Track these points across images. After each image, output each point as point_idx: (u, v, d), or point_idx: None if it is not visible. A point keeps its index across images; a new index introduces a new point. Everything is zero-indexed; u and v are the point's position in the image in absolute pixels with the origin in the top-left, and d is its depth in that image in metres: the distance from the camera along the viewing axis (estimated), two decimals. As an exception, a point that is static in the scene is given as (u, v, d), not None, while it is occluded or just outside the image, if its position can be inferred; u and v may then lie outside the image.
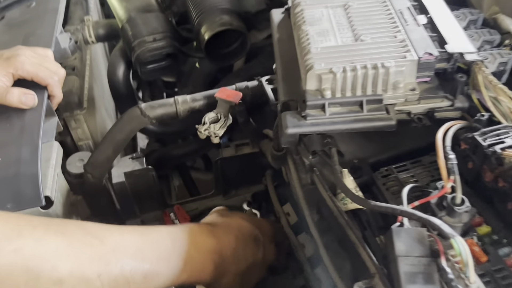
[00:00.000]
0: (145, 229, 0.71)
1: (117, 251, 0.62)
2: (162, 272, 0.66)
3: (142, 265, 0.64)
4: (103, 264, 0.60)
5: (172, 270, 0.68)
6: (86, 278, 0.58)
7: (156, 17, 1.19)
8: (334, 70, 0.66)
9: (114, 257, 0.61)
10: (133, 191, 0.99)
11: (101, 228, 0.65)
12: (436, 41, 0.71)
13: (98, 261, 0.60)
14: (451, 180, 0.56)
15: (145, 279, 0.63)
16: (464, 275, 0.50)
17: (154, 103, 0.90)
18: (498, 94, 0.63)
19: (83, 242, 0.60)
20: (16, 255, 0.54)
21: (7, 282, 0.53)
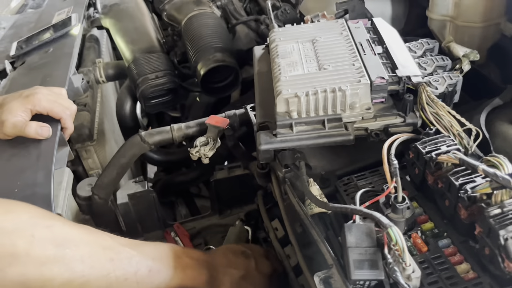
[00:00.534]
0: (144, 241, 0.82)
1: (126, 246, 0.74)
2: (162, 270, 0.77)
3: (146, 261, 0.75)
4: (115, 253, 0.71)
5: (169, 270, 0.78)
6: (102, 264, 0.69)
7: (158, 57, 1.33)
8: (298, 94, 0.77)
9: (124, 250, 0.73)
10: (136, 211, 1.10)
11: (109, 233, 0.77)
12: (389, 67, 0.82)
13: (111, 251, 0.71)
14: (393, 181, 0.66)
15: (149, 273, 0.74)
16: (402, 260, 0.59)
17: (153, 130, 1.02)
18: (438, 109, 0.73)
19: (98, 235, 0.72)
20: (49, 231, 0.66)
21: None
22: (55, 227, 0.67)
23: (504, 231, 0.55)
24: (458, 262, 0.62)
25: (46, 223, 0.66)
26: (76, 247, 0.67)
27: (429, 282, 0.60)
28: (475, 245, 0.62)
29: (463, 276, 0.60)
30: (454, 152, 0.65)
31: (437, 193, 0.68)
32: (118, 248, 0.72)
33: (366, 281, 0.60)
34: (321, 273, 0.65)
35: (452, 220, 0.67)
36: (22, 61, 1.33)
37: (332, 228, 0.75)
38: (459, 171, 0.64)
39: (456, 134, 0.72)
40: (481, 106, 0.86)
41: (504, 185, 0.56)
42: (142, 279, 0.72)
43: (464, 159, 0.62)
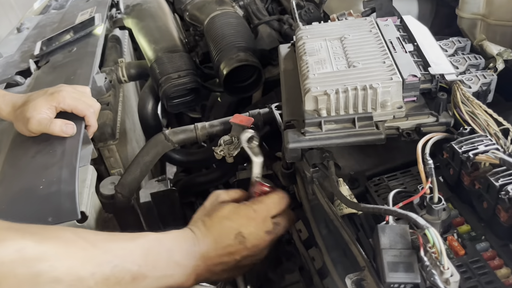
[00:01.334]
0: (135, 235, 0.76)
1: (108, 253, 0.69)
2: (149, 275, 0.72)
3: (131, 267, 0.69)
4: (96, 265, 0.67)
5: (158, 274, 0.73)
6: (81, 277, 0.65)
7: (181, 56, 1.33)
8: (328, 92, 0.75)
9: (105, 259, 0.68)
10: (158, 210, 1.09)
11: (93, 234, 0.73)
12: (421, 65, 0.79)
13: (91, 262, 0.67)
14: (429, 182, 0.64)
15: (133, 281, 0.70)
16: (440, 263, 0.56)
17: (177, 129, 1.02)
18: (474, 108, 0.71)
19: (77, 245, 0.67)
20: (19, 254, 0.61)
21: (10, 280, 0.60)
22: (27, 248, 0.63)
23: (550, 235, 0.52)
24: (498, 267, 0.60)
25: (16, 246, 0.62)
26: (52, 268, 0.63)
27: (468, 287, 0.58)
28: (516, 249, 0.60)
29: (504, 281, 0.58)
30: (493, 152, 0.63)
31: (474, 194, 0.66)
32: (99, 258, 0.68)
33: (401, 284, 0.58)
34: (353, 275, 0.63)
35: (490, 223, 0.64)
36: (46, 60, 1.34)
37: (362, 229, 0.73)
38: (499, 172, 0.61)
39: (492, 133, 0.70)
40: (516, 106, 0.83)
41: (550, 186, 0.54)
42: (125, 286, 0.69)
43: (505, 159, 0.60)
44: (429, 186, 0.64)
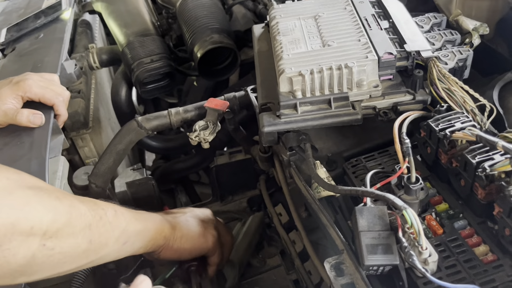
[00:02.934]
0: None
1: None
2: (124, 215, 0.73)
3: (113, 207, 0.72)
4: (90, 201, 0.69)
5: (131, 216, 0.75)
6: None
7: (153, 40, 1.28)
8: (302, 73, 0.73)
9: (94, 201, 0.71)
10: (135, 199, 1.06)
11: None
12: (397, 42, 0.78)
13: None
14: (406, 161, 0.62)
15: (115, 215, 0.71)
16: (418, 244, 0.56)
17: (150, 115, 0.98)
18: (451, 85, 0.70)
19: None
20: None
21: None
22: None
23: (527, 211, 0.52)
24: (476, 244, 0.59)
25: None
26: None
27: (447, 266, 0.57)
28: (493, 226, 0.59)
29: (482, 259, 0.57)
30: (470, 129, 0.62)
31: (452, 172, 0.65)
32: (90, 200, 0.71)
33: (380, 266, 0.57)
34: (331, 259, 0.62)
35: (468, 201, 0.63)
36: (12, 48, 1.28)
37: (341, 212, 0.72)
38: (475, 149, 0.60)
39: (469, 110, 0.69)
40: (492, 81, 0.82)
41: (526, 161, 0.53)
42: (110, 219, 0.70)
43: (482, 136, 0.59)
44: (406, 166, 0.63)
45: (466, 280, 0.56)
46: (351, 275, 0.59)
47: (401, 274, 0.56)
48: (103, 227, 0.68)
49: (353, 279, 0.59)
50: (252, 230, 1.05)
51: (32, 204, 0.60)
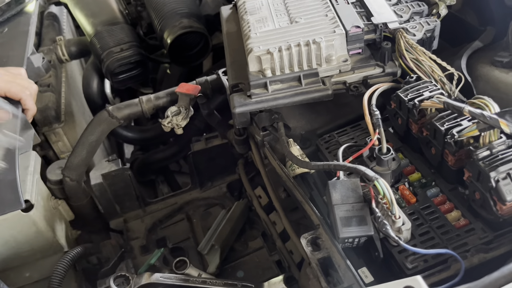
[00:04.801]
0: None
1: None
2: None
3: None
4: None
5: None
6: None
7: (121, 28, 1.26)
8: (271, 51, 0.72)
9: None
10: (112, 191, 1.05)
11: None
12: (364, 16, 0.77)
13: None
14: (376, 133, 0.62)
15: None
16: (391, 213, 0.56)
17: (121, 104, 0.96)
18: (419, 55, 0.70)
19: None
20: None
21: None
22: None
23: (494, 173, 0.52)
24: (448, 210, 0.60)
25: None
26: None
27: (420, 233, 0.58)
28: (464, 191, 0.60)
29: (454, 224, 0.58)
30: (437, 97, 0.62)
31: (423, 141, 0.65)
32: None
33: (355, 238, 0.57)
34: (307, 235, 0.62)
35: (439, 168, 0.64)
36: (-25, 44, 1.24)
37: (316, 188, 0.72)
38: (444, 116, 0.61)
39: (438, 79, 0.69)
40: (461, 51, 0.83)
41: (492, 125, 0.53)
42: None
43: (449, 102, 0.59)
44: (377, 138, 0.63)
45: (439, 245, 0.56)
46: (328, 249, 0.59)
47: (376, 244, 0.57)
48: None
49: (330, 252, 0.59)
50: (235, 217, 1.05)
51: None
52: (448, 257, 0.54)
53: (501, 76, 0.74)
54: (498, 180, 0.52)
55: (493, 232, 0.56)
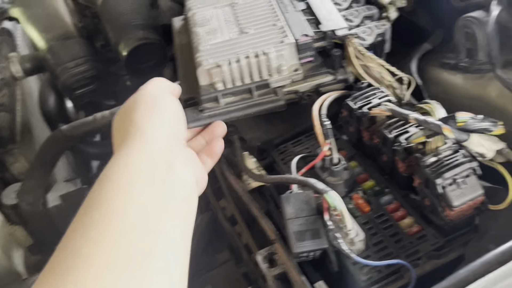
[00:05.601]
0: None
1: None
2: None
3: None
4: None
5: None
6: None
7: (76, 42, 1.22)
8: (220, 64, 0.70)
9: None
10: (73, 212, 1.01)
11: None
12: (313, 23, 0.76)
13: None
14: (327, 143, 0.62)
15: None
16: (343, 225, 0.55)
17: (75, 123, 0.94)
18: (367, 61, 0.70)
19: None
20: None
21: None
22: None
23: (441, 179, 0.52)
24: (401, 217, 0.60)
25: None
26: None
27: (374, 243, 0.58)
28: (416, 198, 0.60)
29: (407, 231, 0.58)
30: (385, 104, 0.62)
31: (374, 149, 0.65)
32: None
33: (310, 252, 0.57)
34: (263, 251, 0.61)
35: (392, 175, 0.64)
36: None
37: (273, 200, 0.71)
38: (392, 123, 0.61)
39: (388, 85, 0.69)
40: (412, 53, 0.83)
41: (436, 131, 0.54)
42: None
43: (395, 110, 0.59)
44: (328, 148, 0.62)
45: (392, 254, 0.56)
46: (284, 265, 0.58)
47: (331, 257, 0.56)
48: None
49: (286, 268, 0.58)
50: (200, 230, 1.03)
51: None
52: (401, 266, 0.54)
53: (450, 78, 0.74)
54: (444, 187, 0.53)
55: (444, 238, 0.56)
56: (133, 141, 0.48)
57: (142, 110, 0.52)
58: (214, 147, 0.63)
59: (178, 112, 0.55)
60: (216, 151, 0.63)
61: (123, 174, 0.45)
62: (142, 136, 0.48)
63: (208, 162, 0.62)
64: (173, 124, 0.53)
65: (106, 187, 0.45)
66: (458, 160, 0.54)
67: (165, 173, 0.46)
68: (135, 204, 0.43)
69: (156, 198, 0.44)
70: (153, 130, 0.49)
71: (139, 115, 0.51)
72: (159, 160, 0.47)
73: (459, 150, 0.55)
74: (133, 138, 0.48)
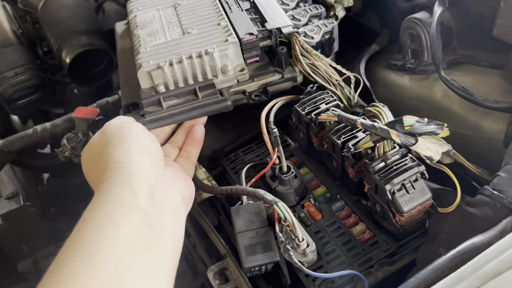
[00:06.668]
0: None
1: None
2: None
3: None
4: None
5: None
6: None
7: (14, 50, 1.15)
8: (161, 65, 0.66)
9: None
10: (15, 232, 0.95)
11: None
12: (259, 22, 0.74)
13: None
14: (276, 151, 0.60)
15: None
16: (294, 236, 0.53)
17: (13, 137, 0.88)
18: (315, 60, 0.68)
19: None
20: None
21: None
22: None
23: (389, 185, 0.51)
24: (353, 224, 0.59)
25: None
26: None
27: (326, 252, 0.56)
28: (367, 203, 0.59)
29: (359, 238, 0.57)
30: (332, 109, 0.60)
31: (324, 154, 0.64)
32: None
33: (261, 265, 0.55)
34: (214, 267, 0.58)
35: (343, 181, 0.63)
36: None
37: (224, 212, 0.68)
38: (340, 129, 0.59)
39: (336, 84, 0.67)
40: (360, 54, 0.83)
41: (384, 136, 0.53)
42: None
43: (342, 115, 0.58)
44: (277, 156, 0.60)
45: (345, 263, 0.55)
46: (235, 280, 0.56)
47: (283, 269, 0.54)
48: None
49: (238, 283, 0.56)
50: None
51: None
52: (353, 276, 0.52)
53: (397, 79, 0.74)
54: (394, 192, 0.52)
55: (396, 243, 0.56)
56: (115, 175, 0.49)
57: (115, 142, 0.54)
58: (195, 134, 0.67)
59: (147, 133, 0.58)
60: (198, 137, 0.67)
61: (102, 211, 0.46)
62: (123, 169, 0.50)
63: (193, 152, 0.65)
64: (146, 144, 0.55)
65: (86, 226, 0.45)
66: (407, 164, 0.53)
67: (147, 204, 0.48)
68: (114, 241, 0.44)
69: (135, 234, 0.45)
70: (131, 158, 0.51)
71: (112, 148, 0.52)
72: (141, 193, 0.48)
73: (407, 154, 0.55)
74: (114, 171, 0.49)
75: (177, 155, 0.65)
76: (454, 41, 0.70)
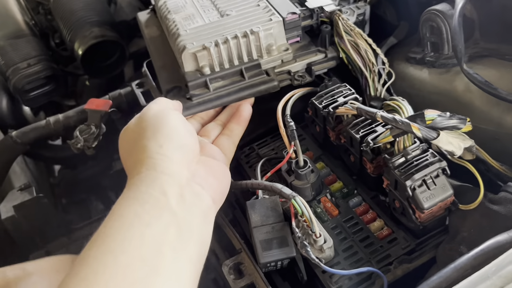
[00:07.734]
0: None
1: None
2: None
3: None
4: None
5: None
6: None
7: (27, 41, 1.15)
8: (207, 46, 0.64)
9: None
10: (28, 223, 0.95)
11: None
12: (297, 2, 0.73)
13: None
14: (292, 145, 0.59)
15: None
16: (311, 231, 0.53)
17: (26, 128, 0.88)
18: (356, 38, 0.67)
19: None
20: None
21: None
22: None
23: (410, 181, 0.50)
24: (371, 220, 0.57)
25: None
26: None
27: (344, 249, 0.55)
28: (385, 199, 0.58)
29: (377, 235, 0.56)
30: (351, 102, 0.59)
31: (341, 149, 0.62)
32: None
33: (277, 261, 0.54)
34: (229, 261, 0.58)
35: (360, 176, 0.62)
36: None
37: (239, 206, 0.67)
38: (359, 123, 0.58)
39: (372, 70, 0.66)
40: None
41: (405, 129, 0.51)
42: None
43: (362, 108, 0.56)
44: (293, 150, 0.59)
45: (363, 260, 0.54)
46: (251, 275, 0.55)
47: (299, 265, 0.53)
48: None
49: (253, 279, 0.55)
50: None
51: None
52: (372, 273, 0.51)
53: (416, 73, 0.73)
54: (414, 188, 0.51)
55: (415, 240, 0.54)
56: (146, 171, 0.48)
57: (149, 134, 0.52)
58: (242, 111, 0.66)
59: (184, 125, 0.55)
60: (244, 114, 0.66)
61: (131, 208, 0.45)
62: (154, 166, 0.48)
63: (236, 131, 0.65)
64: (182, 138, 0.53)
65: (113, 223, 0.44)
66: (428, 160, 0.52)
67: (177, 205, 0.46)
68: (141, 242, 0.43)
69: (163, 236, 0.44)
70: (164, 154, 0.49)
71: (146, 140, 0.51)
72: (171, 193, 0.47)
73: (428, 149, 0.53)
74: (145, 167, 0.48)
75: (219, 133, 0.64)
76: (476, 33, 0.68)
